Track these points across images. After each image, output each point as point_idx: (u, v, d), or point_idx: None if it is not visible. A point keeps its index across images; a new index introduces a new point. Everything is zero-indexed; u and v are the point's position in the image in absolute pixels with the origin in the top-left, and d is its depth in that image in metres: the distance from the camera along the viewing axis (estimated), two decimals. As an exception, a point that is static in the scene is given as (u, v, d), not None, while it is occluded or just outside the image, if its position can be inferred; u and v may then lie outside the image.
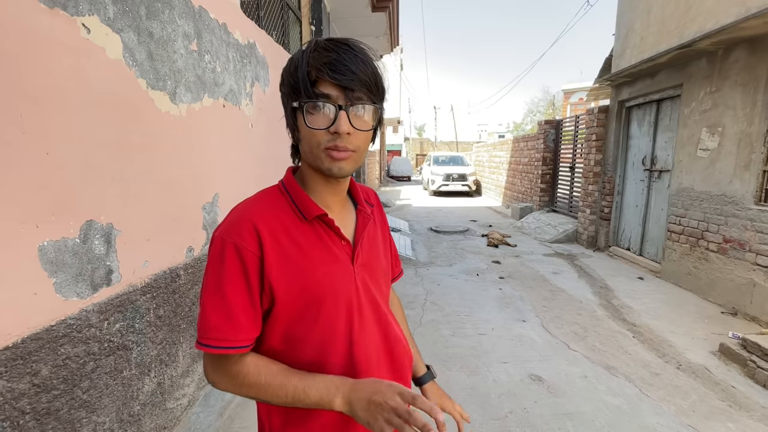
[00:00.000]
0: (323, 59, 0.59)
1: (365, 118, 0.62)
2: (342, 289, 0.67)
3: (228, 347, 0.61)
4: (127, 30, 1.43)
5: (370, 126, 0.63)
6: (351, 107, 0.60)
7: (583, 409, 2.12)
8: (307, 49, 0.61)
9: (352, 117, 0.60)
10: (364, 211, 0.74)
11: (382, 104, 0.65)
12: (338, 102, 0.59)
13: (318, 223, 0.67)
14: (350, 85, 0.59)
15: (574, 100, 21.94)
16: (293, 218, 0.66)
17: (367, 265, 0.72)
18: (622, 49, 5.19)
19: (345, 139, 0.60)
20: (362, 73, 0.59)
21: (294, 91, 0.62)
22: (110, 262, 1.37)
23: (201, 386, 2.02)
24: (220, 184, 2.21)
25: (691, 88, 4.10)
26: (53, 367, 1.14)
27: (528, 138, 9.26)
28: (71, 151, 1.21)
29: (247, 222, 0.63)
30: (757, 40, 3.34)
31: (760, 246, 3.21)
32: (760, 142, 3.30)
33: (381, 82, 0.63)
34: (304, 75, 0.60)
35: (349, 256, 0.69)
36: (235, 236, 0.62)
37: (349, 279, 0.68)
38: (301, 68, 0.60)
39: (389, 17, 5.42)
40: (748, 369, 2.44)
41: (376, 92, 0.63)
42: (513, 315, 3.38)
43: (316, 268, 0.65)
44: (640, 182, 5.07)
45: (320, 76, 0.59)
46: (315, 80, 0.60)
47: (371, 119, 0.63)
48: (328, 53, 0.59)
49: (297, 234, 0.65)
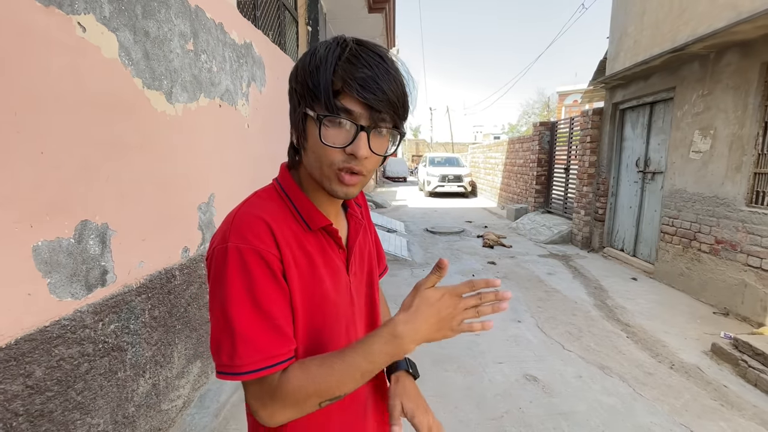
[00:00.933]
0: (354, 72, 0.51)
1: (385, 141, 0.57)
2: (342, 300, 0.64)
3: (281, 362, 0.53)
4: (123, 29, 1.43)
5: (389, 151, 0.58)
6: (373, 129, 0.54)
7: (578, 409, 2.13)
8: (334, 50, 0.53)
9: (372, 139, 0.54)
10: (355, 216, 0.71)
11: (404, 127, 0.58)
12: (360, 121, 0.52)
13: (321, 233, 0.63)
14: (378, 106, 0.52)
15: (569, 102, 22.11)
16: (298, 226, 0.61)
17: (359, 273, 0.71)
18: (616, 52, 5.24)
19: (360, 163, 0.54)
20: (392, 93, 0.53)
21: (311, 96, 0.54)
22: (105, 262, 1.36)
23: (196, 387, 2.01)
24: (216, 184, 2.20)
25: (683, 91, 4.15)
26: (47, 368, 1.13)
27: (523, 139, 9.31)
28: (66, 151, 1.20)
29: (261, 224, 0.55)
30: (748, 44, 3.39)
31: (751, 247, 3.25)
32: (751, 145, 3.34)
33: (407, 103, 0.57)
34: (328, 84, 0.52)
35: (344, 264, 0.67)
36: (254, 241, 0.54)
37: (346, 289, 0.66)
38: (325, 74, 0.52)
39: (386, 18, 5.43)
40: (740, 368, 2.47)
41: (402, 115, 0.56)
42: (508, 315, 3.40)
43: (323, 279, 0.61)
44: (633, 184, 5.12)
45: (347, 89, 0.51)
46: (337, 91, 0.52)
47: (391, 144, 0.58)
48: (362, 67, 0.51)
49: (305, 243, 0.60)
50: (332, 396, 0.53)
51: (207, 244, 2.11)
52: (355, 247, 0.70)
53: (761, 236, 3.16)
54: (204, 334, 2.07)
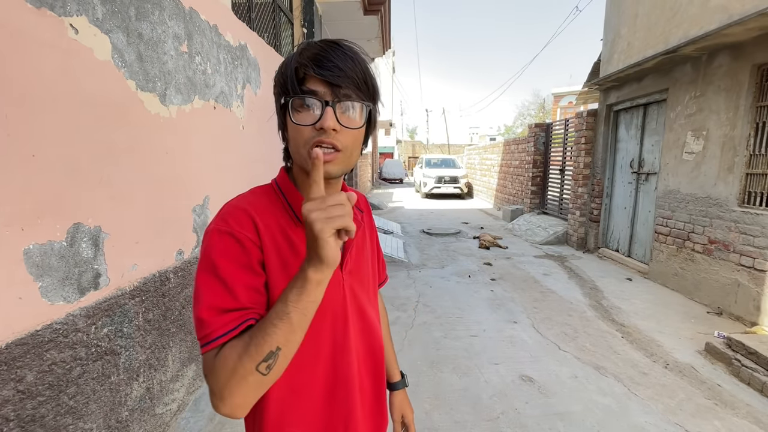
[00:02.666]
0: (312, 56, 0.58)
1: (353, 116, 0.60)
2: (330, 294, 0.65)
3: (244, 321, 0.54)
4: (116, 31, 1.42)
5: (358, 124, 0.61)
6: (338, 103, 0.58)
7: (574, 409, 2.14)
8: (298, 48, 0.61)
9: (340, 114, 0.58)
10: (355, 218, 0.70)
11: (374, 103, 0.63)
12: (325, 98, 0.58)
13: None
14: (337, 81, 0.57)
15: (564, 103, 22.24)
16: (287, 219, 0.65)
17: (355, 272, 0.72)
18: (609, 54, 5.29)
19: (331, 136, 0.57)
20: (350, 70, 0.58)
21: (283, 89, 0.61)
22: (98, 265, 1.35)
23: (191, 391, 2.00)
24: (211, 186, 2.19)
25: (676, 93, 4.19)
26: (39, 372, 1.12)
27: (519, 141, 9.35)
28: (58, 153, 1.19)
29: (242, 212, 0.61)
30: (739, 47, 3.43)
31: (743, 247, 3.29)
32: (742, 146, 3.38)
33: (371, 80, 0.62)
34: (292, 72, 0.59)
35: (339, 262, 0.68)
36: (232, 225, 0.59)
37: (337, 284, 0.68)
38: (290, 66, 0.60)
39: (381, 20, 5.45)
40: (733, 367, 2.49)
41: (365, 90, 0.61)
42: (504, 316, 3.40)
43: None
44: (628, 185, 5.16)
45: (307, 72, 0.58)
46: (303, 77, 0.59)
47: (360, 118, 0.61)
48: (319, 51, 0.58)
49: (292, 235, 0.64)
50: (264, 352, 0.50)
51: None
52: (353, 248, 0.72)
53: (753, 236, 3.20)
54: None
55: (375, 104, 0.64)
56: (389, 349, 0.93)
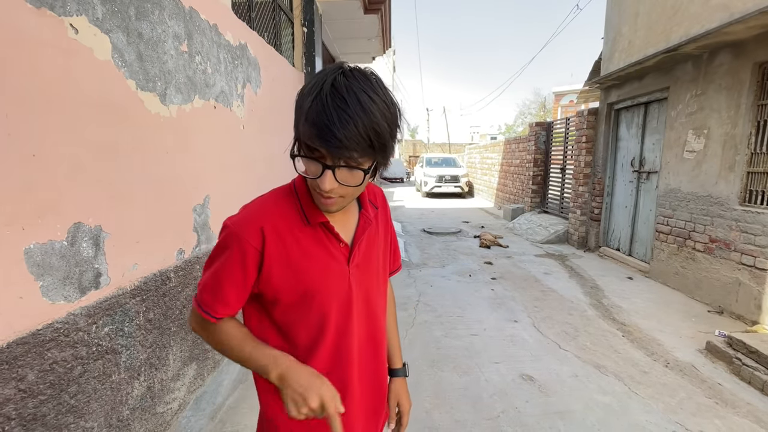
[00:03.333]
0: (314, 120, 0.59)
1: (354, 175, 0.64)
2: (335, 285, 0.74)
3: (212, 316, 0.73)
4: (116, 31, 1.42)
5: (357, 182, 0.64)
6: (336, 168, 0.62)
7: (574, 408, 2.14)
8: (310, 96, 0.61)
9: (339, 174, 0.63)
10: (367, 215, 0.80)
11: (383, 154, 0.65)
12: (326, 162, 0.62)
13: (320, 227, 0.74)
14: (336, 153, 0.60)
15: (565, 102, 22.20)
16: (298, 221, 0.73)
17: (362, 266, 0.79)
18: (610, 52, 5.27)
19: (328, 192, 0.64)
20: (351, 139, 0.58)
21: (297, 132, 0.65)
22: (99, 264, 1.35)
23: (192, 390, 2.00)
24: (211, 185, 2.20)
25: (677, 91, 4.18)
26: (40, 371, 1.12)
27: (519, 140, 9.34)
28: (58, 153, 1.19)
29: (254, 222, 0.71)
30: (740, 45, 3.42)
31: (744, 246, 3.28)
32: (744, 144, 3.37)
33: (379, 138, 0.62)
34: (301, 130, 0.62)
35: (346, 257, 0.76)
36: (242, 231, 0.70)
37: (343, 277, 0.75)
38: (299, 120, 0.63)
39: (381, 19, 5.44)
40: (734, 366, 2.49)
41: (370, 151, 0.62)
42: (505, 315, 3.40)
43: (312, 265, 0.73)
44: (629, 183, 5.15)
45: (308, 140, 0.61)
46: (307, 140, 0.62)
47: (361, 176, 0.64)
48: (325, 114, 0.58)
49: (300, 235, 0.73)
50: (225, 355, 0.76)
51: (203, 245, 2.10)
52: (361, 243, 0.78)
53: (755, 235, 3.19)
54: (200, 336, 2.07)
55: (385, 154, 0.65)
56: (393, 336, 0.98)
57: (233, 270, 0.70)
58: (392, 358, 0.96)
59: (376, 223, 0.83)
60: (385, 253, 0.87)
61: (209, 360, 2.18)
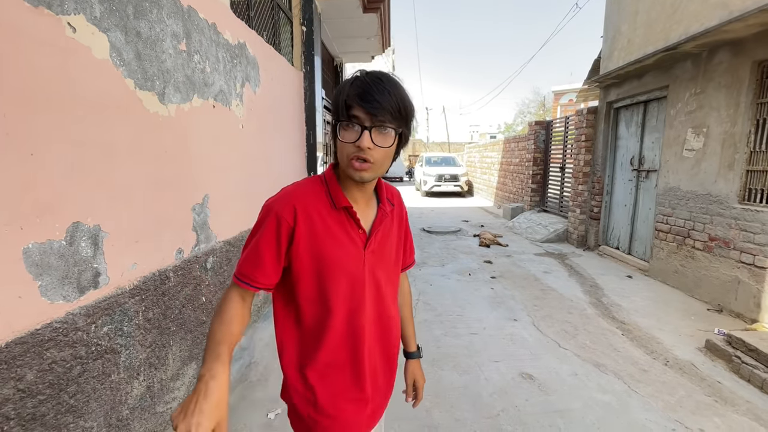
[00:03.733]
0: (357, 90, 0.75)
1: (386, 137, 0.77)
2: (350, 265, 0.85)
3: (252, 285, 0.82)
4: (114, 29, 1.42)
5: (389, 144, 0.78)
6: (374, 128, 0.75)
7: (574, 406, 2.14)
8: (350, 80, 0.78)
9: (375, 135, 0.76)
10: (384, 209, 0.91)
11: (407, 126, 0.81)
12: (364, 123, 0.75)
13: (344, 212, 0.85)
14: (374, 111, 0.74)
15: (564, 101, 22.19)
16: (326, 204, 0.84)
17: (377, 252, 0.89)
18: (609, 51, 5.27)
19: (366, 152, 0.76)
20: (386, 102, 0.75)
21: (336, 112, 0.79)
22: (97, 264, 1.35)
23: (192, 389, 2.00)
24: (210, 185, 2.19)
25: (676, 90, 4.17)
26: (39, 371, 1.12)
27: (519, 139, 9.34)
28: (57, 152, 1.19)
29: (289, 202, 0.82)
30: (739, 43, 3.41)
31: (744, 244, 3.28)
32: (743, 143, 3.37)
33: (405, 109, 0.78)
34: (342, 101, 0.77)
35: (363, 242, 0.87)
36: (278, 209, 0.81)
37: (359, 260, 0.86)
38: (342, 96, 0.77)
39: (380, 18, 5.43)
40: (733, 364, 2.49)
41: (399, 118, 0.77)
42: (505, 314, 3.40)
43: (333, 244, 0.83)
44: (628, 182, 5.15)
45: (352, 103, 0.75)
46: (350, 105, 0.76)
47: (391, 139, 0.78)
48: (363, 86, 0.75)
49: (327, 216, 0.83)
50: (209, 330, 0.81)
51: (202, 245, 2.10)
52: (378, 233, 0.89)
53: (754, 233, 3.19)
54: (199, 336, 2.07)
55: (408, 126, 0.81)
56: (409, 324, 1.12)
57: (270, 241, 0.80)
58: (408, 342, 1.12)
59: (392, 217, 0.94)
60: (398, 247, 0.97)
61: (209, 359, 2.18)
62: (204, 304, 2.11)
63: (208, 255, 2.17)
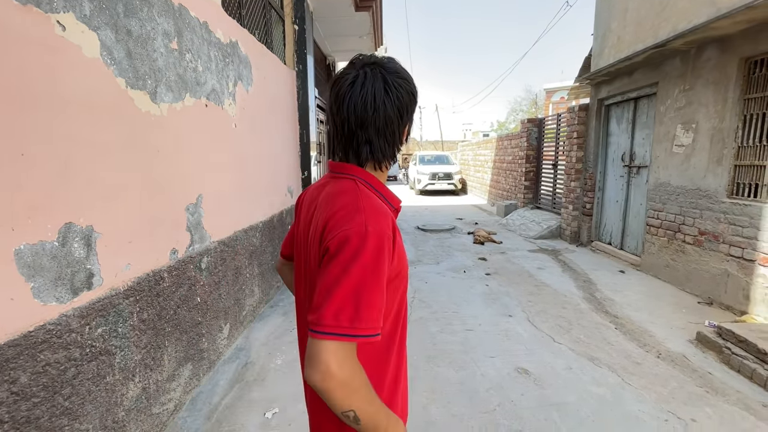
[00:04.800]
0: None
1: None
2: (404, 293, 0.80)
3: (378, 334, 0.64)
4: (105, 28, 1.40)
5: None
6: None
7: (569, 400, 2.17)
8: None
9: None
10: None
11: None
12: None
13: (394, 213, 0.79)
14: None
15: (556, 98, 22.34)
16: (390, 209, 0.78)
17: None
18: (600, 48, 5.32)
19: None
20: None
21: (411, 112, 0.79)
22: (91, 265, 1.34)
23: (188, 390, 1.99)
24: (204, 184, 2.18)
25: (666, 86, 4.23)
26: (32, 374, 1.11)
27: (511, 136, 9.39)
28: (48, 152, 1.18)
29: (386, 219, 0.70)
30: (727, 40, 3.47)
31: (733, 238, 3.34)
32: (731, 138, 3.43)
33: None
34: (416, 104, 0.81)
35: None
36: (384, 229, 0.67)
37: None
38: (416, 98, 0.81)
39: (373, 16, 5.43)
40: (724, 355, 2.54)
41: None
42: (499, 310, 3.43)
43: (403, 248, 0.77)
44: (620, 178, 5.21)
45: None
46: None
47: None
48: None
49: (395, 222, 0.76)
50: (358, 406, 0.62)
51: (196, 245, 2.08)
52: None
53: (742, 227, 3.25)
54: (194, 336, 2.05)
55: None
56: None
57: (385, 273, 0.66)
58: None
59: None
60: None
61: (205, 360, 2.17)
62: (199, 304, 2.10)
63: (203, 255, 2.16)
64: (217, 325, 2.33)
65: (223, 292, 2.41)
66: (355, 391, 0.61)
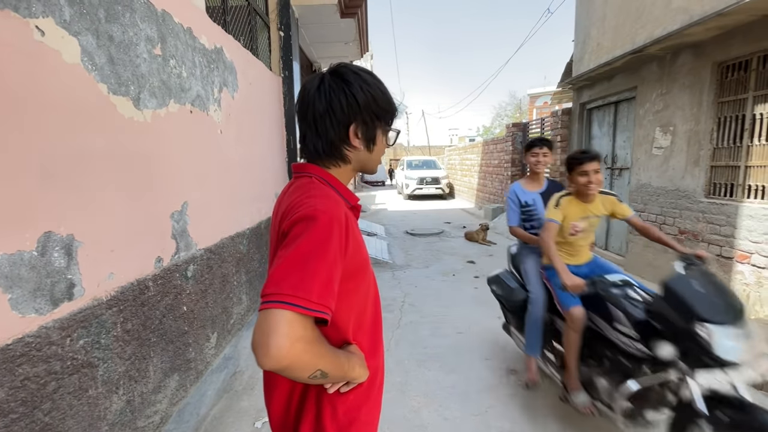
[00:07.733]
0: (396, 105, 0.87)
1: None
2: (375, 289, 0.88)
3: (328, 314, 0.64)
4: (85, 33, 1.38)
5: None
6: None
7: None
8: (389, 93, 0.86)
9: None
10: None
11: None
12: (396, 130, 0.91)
13: (352, 211, 0.84)
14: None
15: (539, 103, 22.80)
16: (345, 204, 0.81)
17: None
18: (581, 54, 5.46)
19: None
20: None
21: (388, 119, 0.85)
22: (72, 275, 1.30)
23: (174, 402, 1.94)
24: (189, 191, 2.15)
25: (644, 90, 4.36)
26: (10, 388, 1.07)
27: (497, 141, 9.53)
28: (26, 159, 1.15)
29: (339, 206, 0.74)
30: (700, 46, 3.60)
31: (711, 236, 3.44)
32: (707, 140, 3.55)
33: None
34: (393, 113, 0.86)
35: None
36: (338, 215, 0.71)
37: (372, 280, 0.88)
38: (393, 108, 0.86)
39: (358, 23, 5.46)
40: (706, 351, 2.60)
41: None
42: (489, 312, 3.45)
43: (361, 240, 0.81)
44: (603, 180, 5.33)
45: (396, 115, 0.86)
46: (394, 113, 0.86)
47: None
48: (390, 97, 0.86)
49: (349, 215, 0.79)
50: (320, 369, 0.66)
51: (182, 253, 2.05)
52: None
53: (720, 225, 3.35)
54: (181, 346, 2.01)
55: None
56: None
57: (337, 257, 0.68)
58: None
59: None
60: None
61: (192, 370, 2.12)
62: (185, 313, 2.06)
63: (189, 263, 2.12)
64: (204, 334, 2.29)
65: (209, 300, 2.37)
66: (314, 354, 0.64)
